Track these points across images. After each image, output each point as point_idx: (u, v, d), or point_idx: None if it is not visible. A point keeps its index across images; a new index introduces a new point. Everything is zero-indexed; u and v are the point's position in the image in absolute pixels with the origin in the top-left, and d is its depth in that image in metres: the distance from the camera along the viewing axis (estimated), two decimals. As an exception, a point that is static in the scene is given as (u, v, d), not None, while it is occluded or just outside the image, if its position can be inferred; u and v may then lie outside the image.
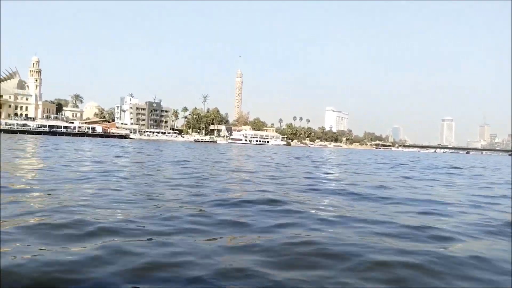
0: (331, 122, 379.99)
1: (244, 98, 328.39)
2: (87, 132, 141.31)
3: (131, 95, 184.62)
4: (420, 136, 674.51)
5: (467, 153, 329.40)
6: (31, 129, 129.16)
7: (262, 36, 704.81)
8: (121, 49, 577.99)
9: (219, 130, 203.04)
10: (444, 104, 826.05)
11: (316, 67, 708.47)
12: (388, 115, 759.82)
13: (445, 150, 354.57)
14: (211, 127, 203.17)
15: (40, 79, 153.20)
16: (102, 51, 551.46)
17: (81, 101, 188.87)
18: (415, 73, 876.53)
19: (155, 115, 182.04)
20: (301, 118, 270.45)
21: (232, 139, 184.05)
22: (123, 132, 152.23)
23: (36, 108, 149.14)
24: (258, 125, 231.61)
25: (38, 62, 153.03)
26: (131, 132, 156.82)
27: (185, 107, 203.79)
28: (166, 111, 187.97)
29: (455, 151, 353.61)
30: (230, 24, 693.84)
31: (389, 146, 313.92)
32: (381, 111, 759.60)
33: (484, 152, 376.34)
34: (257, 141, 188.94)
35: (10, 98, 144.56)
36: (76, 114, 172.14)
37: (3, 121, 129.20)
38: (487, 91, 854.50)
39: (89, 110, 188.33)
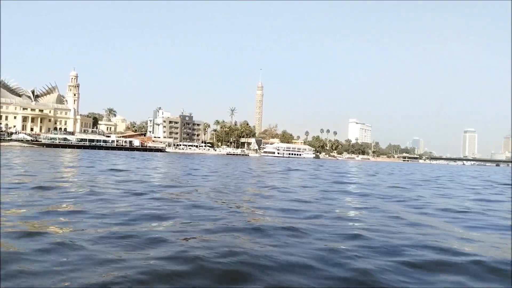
0: (354, 134, 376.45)
1: (265, 110, 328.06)
2: (125, 146, 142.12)
3: (159, 109, 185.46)
4: (441, 147, 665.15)
5: (497, 165, 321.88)
6: (72, 143, 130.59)
7: (282, 48, 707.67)
8: (140, 63, 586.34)
9: (249, 143, 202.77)
10: (466, 115, 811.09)
11: (337, 78, 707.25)
12: (408, 126, 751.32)
13: (473, 162, 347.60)
14: (242, 140, 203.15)
15: (78, 94, 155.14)
16: (122, 65, 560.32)
17: (114, 115, 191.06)
18: (435, 84, 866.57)
19: (187, 128, 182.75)
20: (328, 131, 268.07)
21: (265, 152, 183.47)
22: (159, 145, 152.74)
23: (75, 122, 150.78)
24: (286, 137, 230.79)
25: (77, 76, 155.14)
26: (166, 146, 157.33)
27: (217, 120, 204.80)
28: (198, 124, 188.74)
29: (482, 163, 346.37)
30: (251, 38, 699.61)
31: (416, 158, 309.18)
32: (401, 123, 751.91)
33: (510, 164, 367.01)
34: (289, 154, 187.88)
35: (50, 112, 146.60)
36: (110, 128, 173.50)
37: (45, 135, 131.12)
38: None
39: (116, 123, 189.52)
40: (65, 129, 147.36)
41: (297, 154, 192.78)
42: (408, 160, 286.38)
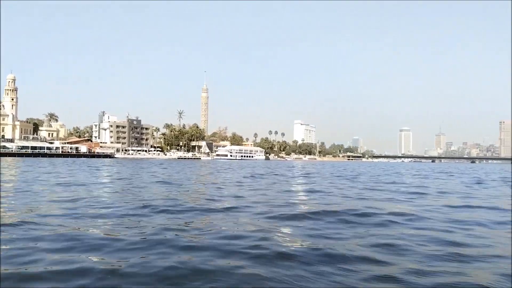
0: (300, 135, 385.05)
1: (211, 113, 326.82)
2: (71, 152, 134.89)
3: (104, 113, 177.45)
4: (379, 146, 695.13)
5: (433, 161, 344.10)
6: (12, 151, 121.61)
7: (226, 51, 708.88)
8: (80, 66, 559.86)
9: (199, 146, 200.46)
10: (402, 115, 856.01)
11: (281, 79, 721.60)
12: (348, 126, 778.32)
13: (411, 159, 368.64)
14: (192, 143, 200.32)
15: (16, 98, 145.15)
16: (61, 68, 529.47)
17: (56, 120, 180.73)
18: (372, 85, 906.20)
19: (135, 132, 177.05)
20: (276, 132, 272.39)
21: (218, 155, 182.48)
22: (108, 151, 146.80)
23: (14, 129, 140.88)
24: (236, 140, 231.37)
25: (14, 80, 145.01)
26: (115, 151, 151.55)
27: (166, 124, 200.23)
28: (147, 128, 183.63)
29: (418, 159, 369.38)
30: (195, 39, 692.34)
31: (359, 157, 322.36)
32: (341, 123, 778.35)
33: (442, 160, 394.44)
34: (241, 156, 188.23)
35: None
36: (52, 134, 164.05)
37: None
38: (442, 100, 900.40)
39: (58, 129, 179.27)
40: (3, 136, 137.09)
41: (249, 156, 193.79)
42: (352, 159, 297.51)
